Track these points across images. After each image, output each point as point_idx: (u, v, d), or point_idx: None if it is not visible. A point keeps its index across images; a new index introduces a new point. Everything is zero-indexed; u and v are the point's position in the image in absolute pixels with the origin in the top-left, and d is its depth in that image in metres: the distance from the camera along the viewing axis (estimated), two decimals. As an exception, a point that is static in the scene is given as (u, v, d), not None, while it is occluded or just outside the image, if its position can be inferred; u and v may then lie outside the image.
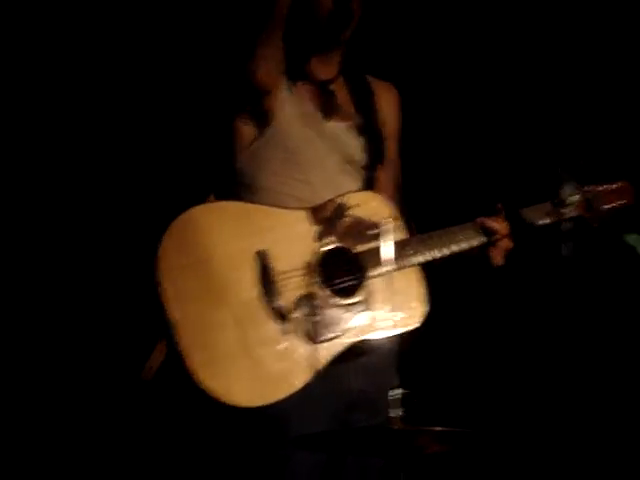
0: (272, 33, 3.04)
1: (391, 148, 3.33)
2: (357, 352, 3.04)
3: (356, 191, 3.15)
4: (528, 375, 4.39)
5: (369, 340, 3.03)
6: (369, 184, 3.24)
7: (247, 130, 3.14)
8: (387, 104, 3.34)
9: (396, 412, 2.64)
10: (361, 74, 3.35)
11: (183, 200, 3.06)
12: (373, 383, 3.07)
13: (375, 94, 3.32)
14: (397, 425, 2.64)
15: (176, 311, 2.90)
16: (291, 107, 3.15)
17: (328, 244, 3.04)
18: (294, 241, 3.03)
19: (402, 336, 3.04)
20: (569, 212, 3.01)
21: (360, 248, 3.05)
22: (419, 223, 3.19)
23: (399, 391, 2.65)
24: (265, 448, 2.99)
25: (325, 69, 3.23)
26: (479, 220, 3.15)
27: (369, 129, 3.25)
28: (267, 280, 2.96)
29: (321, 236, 3.04)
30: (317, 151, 3.15)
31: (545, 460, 4.20)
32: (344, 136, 3.21)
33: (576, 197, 2.99)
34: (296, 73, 3.19)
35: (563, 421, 2.77)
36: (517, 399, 4.39)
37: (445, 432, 2.63)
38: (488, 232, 3.14)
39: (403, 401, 2.65)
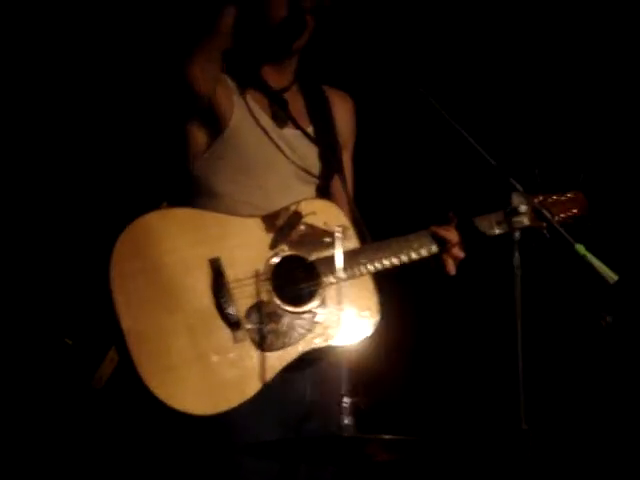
0: (210, 44, 3.03)
1: (345, 156, 3.34)
2: (309, 360, 3.05)
3: (310, 199, 3.15)
4: (476, 382, 4.43)
5: (321, 349, 3.04)
6: (323, 192, 3.24)
7: (201, 136, 3.13)
8: (343, 113, 3.34)
9: (347, 420, 2.65)
10: (317, 83, 3.35)
11: (136, 207, 3.05)
12: (325, 392, 3.07)
13: (331, 103, 3.32)
14: (348, 433, 2.65)
15: (128, 318, 2.89)
16: (244, 114, 3.14)
17: (282, 252, 3.04)
18: (248, 249, 3.03)
19: (358, 348, 3.04)
20: (521, 221, 3.03)
21: (314, 256, 3.06)
22: (373, 231, 3.21)
23: (349, 400, 2.66)
24: (217, 455, 2.99)
25: (278, 78, 3.22)
26: (432, 229, 3.17)
27: (324, 138, 3.25)
28: (220, 287, 2.96)
29: (275, 244, 3.04)
30: (272, 157, 3.14)
31: (495, 467, 4.24)
32: (298, 144, 3.20)
33: (527, 207, 3.01)
34: (248, 81, 3.18)
35: (512, 427, 2.79)
36: (466, 406, 4.43)
37: (394, 440, 2.64)
38: (440, 241, 3.16)
39: (353, 410, 2.67)
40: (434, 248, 3.16)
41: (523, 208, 3.01)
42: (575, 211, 3.31)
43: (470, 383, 4.44)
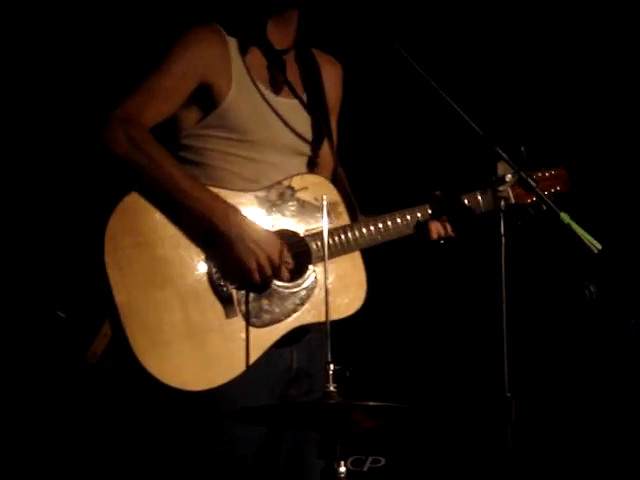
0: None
1: (332, 123, 3.31)
2: (298, 332, 3.05)
3: (303, 174, 3.13)
4: (460, 349, 4.46)
5: (311, 324, 3.05)
6: (313, 160, 3.22)
7: (192, 112, 3.06)
8: (331, 78, 3.29)
9: (332, 387, 2.68)
10: (308, 47, 3.28)
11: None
12: (310, 359, 3.09)
13: (321, 68, 3.27)
14: (333, 400, 2.67)
15: (121, 293, 2.88)
16: (241, 86, 3.07)
17: (274, 227, 3.03)
18: None
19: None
20: (506, 190, 3.05)
21: (305, 232, 3.05)
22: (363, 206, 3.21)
23: (334, 366, 2.68)
24: (204, 423, 2.99)
25: (280, 38, 3.14)
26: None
27: (317, 105, 3.22)
28: (213, 262, 2.95)
29: (267, 219, 3.03)
30: (265, 130, 3.07)
31: (480, 436, 4.27)
32: (293, 112, 3.16)
33: (513, 176, 3.03)
34: (251, 40, 3.11)
35: (495, 395, 2.82)
36: (451, 373, 4.46)
37: (379, 407, 2.67)
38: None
39: (337, 376, 2.69)
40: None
41: (509, 177, 3.03)
42: (558, 188, 3.33)
43: (454, 351, 4.47)
